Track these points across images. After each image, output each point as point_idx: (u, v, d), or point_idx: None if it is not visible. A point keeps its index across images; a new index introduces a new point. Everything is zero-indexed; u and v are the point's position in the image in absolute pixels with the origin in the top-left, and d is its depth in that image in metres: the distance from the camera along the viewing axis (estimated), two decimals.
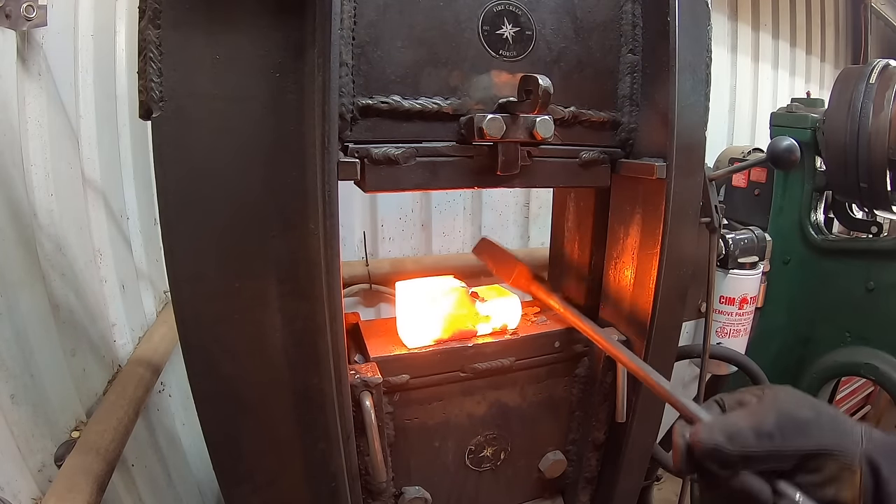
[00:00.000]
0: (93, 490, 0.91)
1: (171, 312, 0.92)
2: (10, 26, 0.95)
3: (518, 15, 0.82)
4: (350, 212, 2.11)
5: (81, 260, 1.22)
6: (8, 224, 0.97)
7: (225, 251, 0.69)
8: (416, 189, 0.84)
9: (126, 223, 1.47)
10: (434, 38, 0.78)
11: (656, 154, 0.90)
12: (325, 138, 0.66)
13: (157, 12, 0.60)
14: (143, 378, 1.28)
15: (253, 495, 0.79)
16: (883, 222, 1.98)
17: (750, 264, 1.69)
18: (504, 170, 0.84)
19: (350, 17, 0.73)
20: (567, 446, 1.11)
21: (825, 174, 1.94)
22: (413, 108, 0.78)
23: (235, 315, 0.71)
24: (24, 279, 1.01)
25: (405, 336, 0.95)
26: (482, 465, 1.04)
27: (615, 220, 1.03)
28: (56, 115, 1.12)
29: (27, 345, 1.00)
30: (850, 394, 2.98)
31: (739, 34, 2.92)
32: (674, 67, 0.84)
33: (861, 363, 1.85)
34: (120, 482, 1.24)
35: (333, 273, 0.71)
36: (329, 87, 0.66)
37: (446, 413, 0.97)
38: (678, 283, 0.95)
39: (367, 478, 0.88)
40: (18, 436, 0.96)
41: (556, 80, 0.83)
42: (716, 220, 1.41)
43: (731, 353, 1.58)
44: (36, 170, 1.08)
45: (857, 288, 1.88)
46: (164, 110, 0.63)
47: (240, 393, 0.74)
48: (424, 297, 0.97)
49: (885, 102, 1.63)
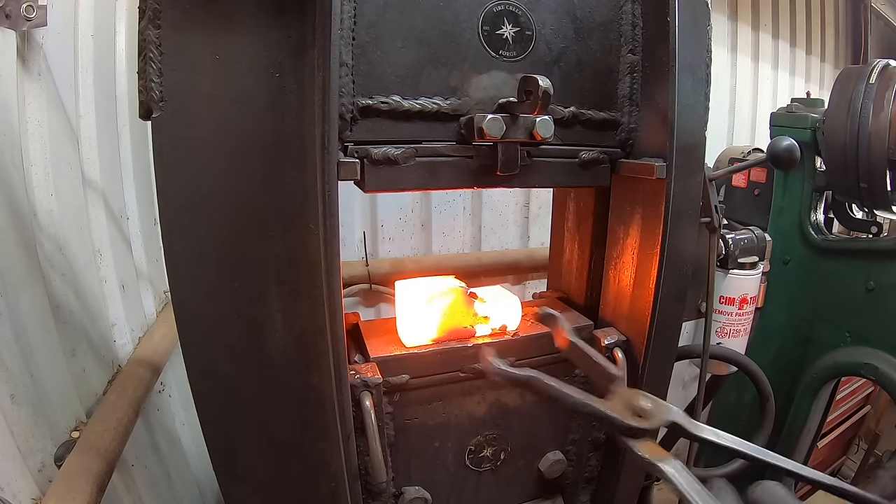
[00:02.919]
0: (93, 490, 0.91)
1: (171, 312, 0.92)
2: (10, 26, 0.95)
3: (518, 15, 0.82)
4: (350, 212, 2.11)
5: (81, 260, 1.22)
6: (8, 224, 0.97)
7: (225, 251, 0.69)
8: (415, 189, 0.85)
9: (126, 223, 1.47)
10: (434, 39, 0.78)
11: (656, 154, 0.90)
12: (325, 138, 0.66)
13: (157, 12, 0.60)
14: (143, 378, 1.28)
15: (253, 495, 0.79)
16: (883, 222, 1.98)
17: (750, 264, 1.69)
18: (504, 170, 0.84)
19: (350, 17, 0.73)
20: (567, 446, 1.11)
21: (825, 174, 1.94)
22: (413, 109, 0.78)
23: (235, 315, 0.71)
24: (24, 279, 1.01)
25: (404, 335, 0.95)
26: (482, 466, 1.04)
27: (615, 220, 1.03)
28: (56, 115, 1.12)
29: (27, 345, 1.00)
30: (850, 394, 2.98)
31: (739, 34, 2.93)
32: (674, 67, 0.84)
33: (861, 363, 1.85)
34: (120, 482, 1.24)
35: (333, 273, 0.71)
36: (329, 87, 0.66)
37: (446, 413, 0.97)
38: (678, 283, 0.95)
39: (367, 478, 0.88)
40: (18, 436, 0.96)
41: (556, 80, 0.83)
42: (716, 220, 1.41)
43: (731, 353, 1.58)
44: (36, 170, 1.08)
45: (857, 288, 1.88)
46: (164, 110, 0.63)
47: (240, 393, 0.74)
48: (423, 296, 0.97)
49: (885, 102, 1.63)
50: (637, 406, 0.67)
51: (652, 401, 0.67)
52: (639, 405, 0.67)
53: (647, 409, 0.66)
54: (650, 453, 0.63)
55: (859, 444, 3.20)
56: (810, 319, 2.05)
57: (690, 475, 0.61)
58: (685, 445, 1.53)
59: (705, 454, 2.19)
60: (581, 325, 1.05)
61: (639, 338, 0.98)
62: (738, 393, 2.20)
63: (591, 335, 1.02)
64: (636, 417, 0.66)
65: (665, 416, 0.66)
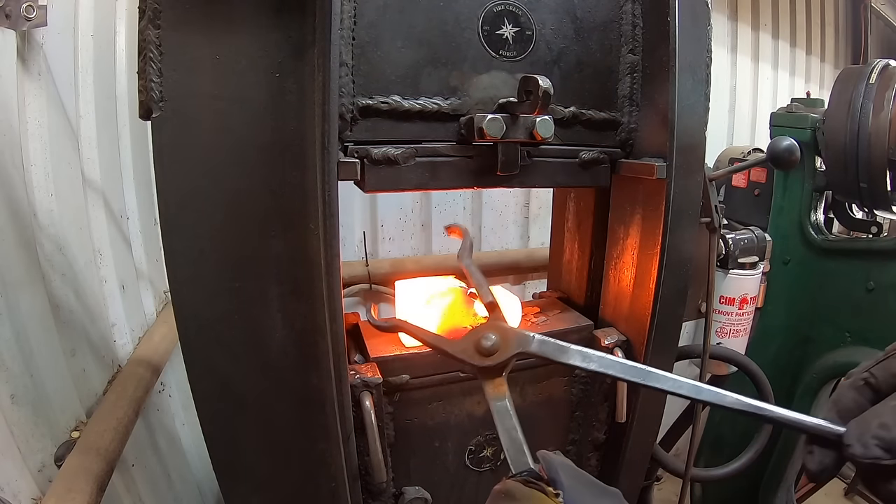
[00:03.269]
0: (93, 490, 0.91)
1: (171, 312, 0.92)
2: (10, 26, 0.95)
3: (518, 15, 0.82)
4: (350, 212, 2.12)
5: (81, 260, 1.22)
6: (8, 224, 0.97)
7: (225, 251, 0.69)
8: (415, 189, 0.84)
9: (126, 223, 1.47)
10: (434, 39, 0.78)
11: (656, 154, 0.90)
12: (325, 138, 0.66)
13: (157, 12, 0.60)
14: (143, 378, 1.28)
15: (253, 495, 0.79)
16: (883, 222, 1.98)
17: (750, 264, 1.69)
18: (504, 170, 0.84)
19: (350, 17, 0.73)
20: (567, 446, 1.11)
21: (825, 174, 1.94)
22: (413, 109, 0.78)
23: (235, 315, 0.71)
24: (24, 279, 1.01)
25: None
26: (482, 466, 1.04)
27: (615, 220, 1.03)
28: (56, 115, 1.12)
29: (27, 345, 1.00)
30: None
31: (739, 34, 2.92)
32: (674, 68, 0.84)
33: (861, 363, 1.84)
34: (120, 482, 1.24)
35: (333, 273, 0.71)
36: (329, 87, 0.66)
37: (446, 413, 0.97)
38: (678, 284, 0.95)
39: (367, 478, 0.88)
40: (18, 436, 0.96)
41: (556, 80, 0.83)
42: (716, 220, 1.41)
43: (731, 354, 1.58)
44: (36, 170, 1.08)
45: (857, 288, 1.88)
46: (164, 110, 0.63)
47: (240, 393, 0.74)
48: (423, 296, 0.97)
49: (885, 102, 1.63)
50: (481, 345, 0.61)
51: (500, 333, 0.61)
52: (482, 344, 0.61)
53: (489, 346, 0.60)
54: (491, 392, 0.61)
55: None
56: (810, 319, 2.04)
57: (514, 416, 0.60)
58: (686, 444, 1.53)
59: (704, 454, 2.19)
60: (581, 325, 1.05)
61: (639, 338, 0.98)
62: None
63: (590, 335, 1.02)
64: (481, 356, 0.61)
65: (512, 349, 0.60)
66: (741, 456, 1.51)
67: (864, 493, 2.95)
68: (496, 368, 0.61)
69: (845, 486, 3.15)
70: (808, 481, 2.27)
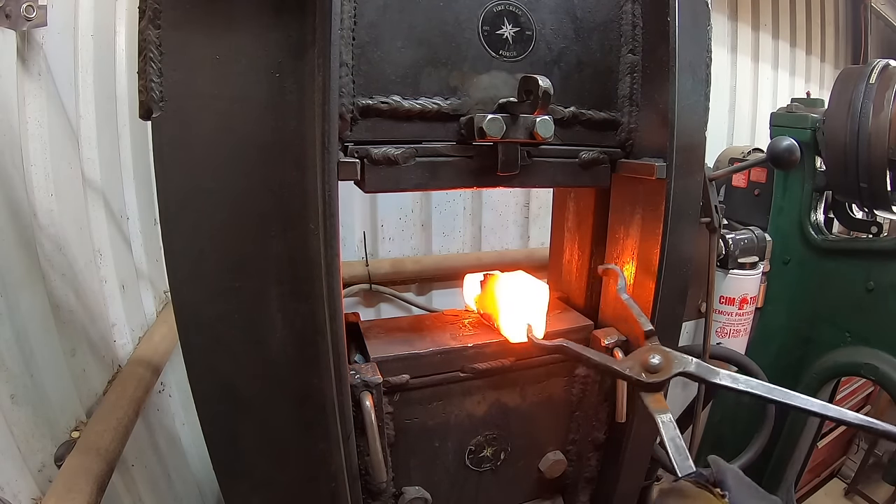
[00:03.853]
0: (93, 490, 0.91)
1: (171, 312, 0.92)
2: (10, 26, 0.95)
3: (518, 15, 0.82)
4: (350, 212, 2.12)
5: (81, 260, 1.22)
6: (8, 224, 0.97)
7: (225, 251, 0.69)
8: (415, 189, 0.84)
9: (126, 223, 1.47)
10: (434, 39, 0.78)
11: (656, 154, 0.90)
12: (325, 138, 0.66)
13: (157, 12, 0.60)
14: (143, 378, 1.28)
15: (252, 495, 0.79)
16: (883, 222, 1.98)
17: (750, 264, 1.70)
18: (504, 170, 0.84)
19: (350, 17, 0.73)
20: (567, 446, 1.11)
21: (825, 174, 1.94)
22: (413, 109, 0.78)
23: (235, 315, 0.71)
24: (24, 279, 1.01)
25: (509, 331, 0.96)
26: (482, 466, 1.04)
27: (615, 220, 1.03)
28: (56, 115, 1.12)
29: (27, 345, 1.00)
30: (850, 394, 2.99)
31: (739, 34, 2.93)
32: (674, 68, 0.84)
33: (861, 363, 1.85)
34: (120, 482, 1.24)
35: (333, 273, 0.71)
36: (329, 87, 0.65)
37: (446, 413, 0.97)
38: (678, 283, 0.95)
39: (367, 478, 0.88)
40: (18, 436, 0.96)
41: (556, 80, 0.83)
42: (716, 220, 1.41)
43: (731, 353, 1.58)
44: (36, 170, 1.08)
45: (857, 288, 1.88)
46: (164, 110, 0.63)
47: (240, 393, 0.74)
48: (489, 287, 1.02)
49: (885, 102, 1.63)
50: (648, 363, 0.74)
51: (663, 356, 0.74)
52: (649, 362, 0.74)
53: (655, 364, 0.73)
54: (653, 405, 0.71)
55: (859, 445, 3.21)
56: (810, 319, 2.05)
57: (675, 427, 0.68)
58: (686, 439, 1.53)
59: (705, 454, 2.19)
60: (581, 324, 1.05)
61: (639, 338, 0.98)
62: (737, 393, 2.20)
63: (590, 335, 1.02)
64: (647, 373, 0.73)
65: (674, 370, 0.73)
66: (741, 456, 1.51)
67: (864, 493, 2.95)
68: (658, 385, 0.73)
69: (845, 487, 3.16)
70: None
